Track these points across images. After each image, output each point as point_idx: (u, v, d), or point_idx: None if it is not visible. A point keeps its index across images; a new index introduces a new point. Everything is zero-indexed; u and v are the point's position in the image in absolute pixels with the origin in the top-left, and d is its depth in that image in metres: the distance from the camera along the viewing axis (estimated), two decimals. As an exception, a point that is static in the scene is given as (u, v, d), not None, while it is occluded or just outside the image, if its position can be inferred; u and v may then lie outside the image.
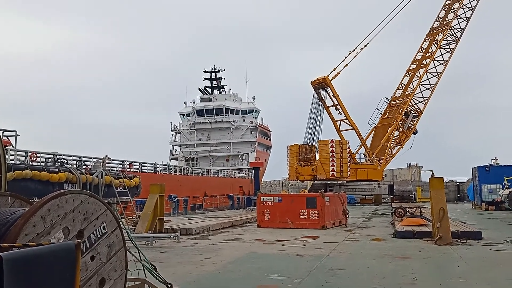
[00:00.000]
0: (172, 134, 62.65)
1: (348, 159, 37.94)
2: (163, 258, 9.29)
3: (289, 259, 9.12)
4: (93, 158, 23.44)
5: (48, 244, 2.72)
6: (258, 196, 17.82)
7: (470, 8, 41.78)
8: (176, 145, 62.21)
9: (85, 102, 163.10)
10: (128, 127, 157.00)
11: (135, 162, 32.23)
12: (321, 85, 38.58)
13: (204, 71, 66.70)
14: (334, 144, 36.88)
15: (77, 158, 22.52)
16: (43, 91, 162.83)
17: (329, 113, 40.07)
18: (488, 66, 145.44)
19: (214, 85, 66.43)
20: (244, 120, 61.14)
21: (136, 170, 31.57)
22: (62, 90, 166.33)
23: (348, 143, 38.69)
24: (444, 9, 42.97)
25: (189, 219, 20.43)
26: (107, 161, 24.53)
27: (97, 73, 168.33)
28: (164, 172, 36.91)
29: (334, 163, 36.60)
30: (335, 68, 39.01)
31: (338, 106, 39.26)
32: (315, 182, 39.71)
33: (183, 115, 62.64)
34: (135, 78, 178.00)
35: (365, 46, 39.58)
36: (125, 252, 4.31)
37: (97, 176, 17.07)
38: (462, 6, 41.68)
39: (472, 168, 32.99)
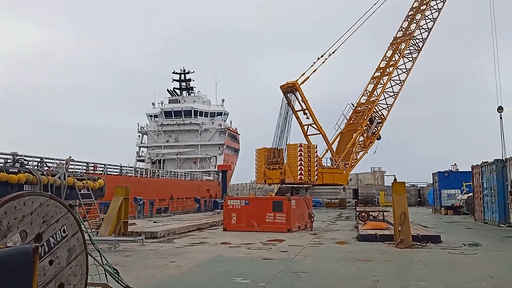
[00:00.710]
0: (139, 136, 61.60)
1: (316, 163, 38.51)
2: (127, 262, 9.11)
3: (254, 262, 9.14)
4: (56, 159, 22.72)
5: (4, 248, 2.63)
6: (225, 199, 17.77)
7: (432, 20, 43.47)
8: (142, 146, 61.18)
9: (56, 103, 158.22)
10: (96, 129, 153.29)
11: (100, 164, 31.52)
12: (290, 89, 39.05)
13: (173, 72, 66.06)
14: (302, 148, 37.35)
15: (39, 159, 21.73)
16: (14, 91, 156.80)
17: (297, 118, 40.58)
18: (447, 76, 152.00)
19: (183, 87, 65.85)
20: (212, 122, 60.90)
21: (101, 172, 30.86)
22: (31, 91, 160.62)
23: (316, 147, 39.27)
24: (407, 19, 44.48)
25: (154, 222, 20.11)
26: (70, 162, 23.80)
27: (68, 74, 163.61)
28: (130, 174, 36.23)
29: (302, 167, 37.06)
30: (304, 73, 39.62)
31: (306, 111, 39.85)
32: (282, 185, 40.04)
33: (151, 116, 61.71)
34: (104, 79, 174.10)
35: (333, 52, 40.40)
36: (86, 256, 4.21)
37: (59, 178, 16.51)
38: (424, 17, 43.32)
39: (433, 173, 34.18)
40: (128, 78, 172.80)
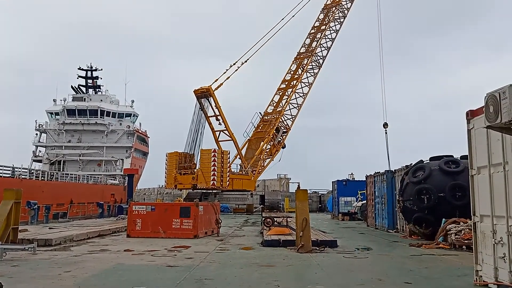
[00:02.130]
0: (36, 134, 56.64)
1: (228, 169, 38.86)
2: (14, 273, 8.32)
3: (158, 270, 8.93)
4: None
5: None
6: (130, 205, 17.12)
7: (331, 39, 46.85)
8: (40, 146, 56.33)
9: None
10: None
11: (-13, 164, 28.47)
12: (204, 94, 38.90)
13: (78, 68, 62.08)
14: (216, 154, 37.42)
15: None
16: None
17: (210, 123, 40.55)
18: (349, 93, 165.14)
19: (89, 85, 62.16)
20: (120, 123, 58.31)
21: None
22: None
23: (229, 153, 39.65)
24: (309, 37, 47.33)
25: (50, 228, 18.67)
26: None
27: None
28: (23, 176, 33.13)
29: (215, 172, 37.09)
30: (217, 79, 39.75)
31: (219, 117, 39.92)
32: (190, 191, 39.73)
33: (51, 113, 57.18)
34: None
35: (246, 61, 41.14)
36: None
37: None
38: (324, 37, 46.51)
39: (332, 182, 36.46)
40: (24, 71, 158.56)
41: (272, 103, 46.17)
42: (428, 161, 16.48)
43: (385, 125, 30.81)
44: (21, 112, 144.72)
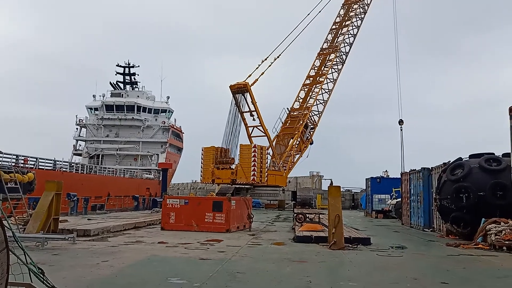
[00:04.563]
0: (77, 128, 58.81)
1: (267, 164, 39.02)
2: (55, 261, 8.67)
3: (191, 262, 9.08)
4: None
5: None
6: (164, 198, 17.48)
7: (353, 35, 46.22)
8: (80, 140, 58.47)
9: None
10: (30, 121, 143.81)
11: (31, 157, 29.79)
12: (240, 90, 39.00)
13: (117, 65, 63.85)
14: (256, 149, 37.61)
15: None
16: None
17: (243, 119, 40.70)
18: (377, 90, 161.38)
19: (126, 81, 63.85)
20: (156, 119, 59.59)
21: (32, 166, 29.18)
22: None
23: (268, 149, 39.71)
24: (331, 33, 46.71)
25: (88, 219, 19.34)
26: (-3, 154, 22.27)
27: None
28: (64, 169, 34.53)
29: (255, 168, 37.26)
30: (251, 75, 39.75)
31: (254, 113, 39.95)
32: (223, 185, 40.11)
33: (91, 109, 59.18)
34: (42, 70, 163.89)
35: (278, 57, 40.97)
36: (8, 255, 3.98)
37: (-17, 170, 15.32)
38: (347, 32, 45.81)
39: (366, 179, 35.78)
40: (68, 71, 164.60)
41: (298, 99, 46.02)
42: (468, 158, 15.88)
43: (401, 122, 29.87)
44: (64, 106, 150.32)
